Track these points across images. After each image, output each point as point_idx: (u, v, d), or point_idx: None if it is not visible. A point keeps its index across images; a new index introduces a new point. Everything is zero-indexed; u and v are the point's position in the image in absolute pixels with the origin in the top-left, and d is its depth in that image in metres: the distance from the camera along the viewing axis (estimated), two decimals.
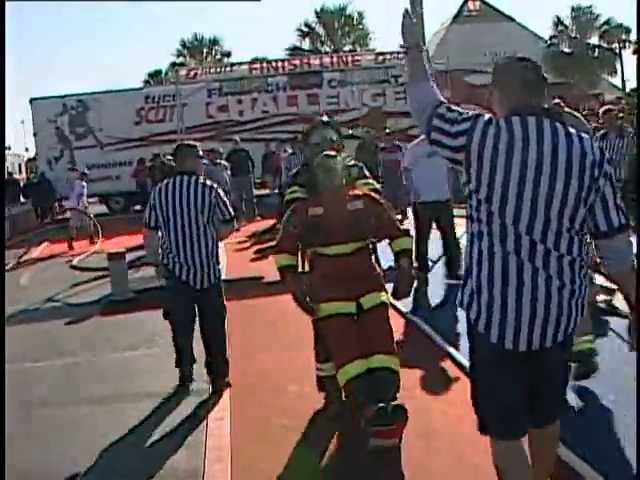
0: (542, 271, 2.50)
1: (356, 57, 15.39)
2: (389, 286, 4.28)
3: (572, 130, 2.55)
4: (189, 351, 5.22)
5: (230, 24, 72.63)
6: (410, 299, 5.31)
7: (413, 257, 4.49)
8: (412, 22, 2.87)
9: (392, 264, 4.43)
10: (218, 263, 5.18)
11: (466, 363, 4.40)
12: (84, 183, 15.41)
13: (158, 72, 38.42)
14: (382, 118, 20.80)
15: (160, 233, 5.12)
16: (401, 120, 19.40)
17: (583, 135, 2.56)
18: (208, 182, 5.13)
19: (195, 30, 47.84)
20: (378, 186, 4.56)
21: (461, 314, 2.80)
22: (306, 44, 37.76)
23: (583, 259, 2.58)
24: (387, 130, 16.29)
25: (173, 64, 15.57)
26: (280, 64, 15.64)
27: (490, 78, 2.71)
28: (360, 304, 4.07)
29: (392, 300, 4.44)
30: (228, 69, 15.42)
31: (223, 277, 5.39)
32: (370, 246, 4.34)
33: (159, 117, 21.63)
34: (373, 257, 4.43)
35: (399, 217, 14.20)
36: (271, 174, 17.04)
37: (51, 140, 21.44)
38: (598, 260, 2.72)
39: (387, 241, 4.39)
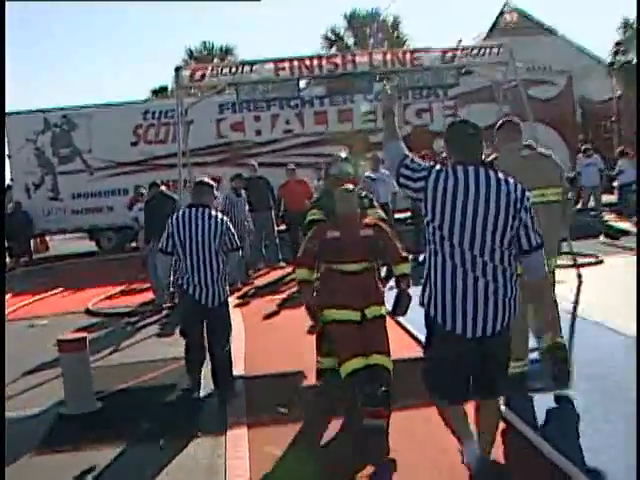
0: (481, 278, 3.48)
1: (416, 54, 11.38)
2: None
3: (501, 176, 3.56)
4: (199, 362, 5.89)
5: (245, 32, 67.06)
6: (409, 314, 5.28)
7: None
8: (389, 93, 3.92)
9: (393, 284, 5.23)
10: (226, 285, 5.94)
11: None
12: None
13: (164, 88, 34.89)
14: (427, 139, 17.29)
15: (174, 258, 5.92)
16: None
17: (509, 179, 3.57)
18: (219, 214, 5.97)
19: (205, 39, 43.43)
20: (384, 215, 5.69)
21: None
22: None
23: (513, 269, 3.54)
24: (423, 152, 12.76)
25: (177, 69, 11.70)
26: (316, 62, 11.43)
27: (556, 90, 8.25)
28: (365, 314, 4.89)
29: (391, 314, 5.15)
30: (247, 69, 11.24)
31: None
32: (376, 267, 5.20)
33: (160, 137, 17.99)
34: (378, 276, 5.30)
35: None
36: None
37: (29, 163, 17.81)
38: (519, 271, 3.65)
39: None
